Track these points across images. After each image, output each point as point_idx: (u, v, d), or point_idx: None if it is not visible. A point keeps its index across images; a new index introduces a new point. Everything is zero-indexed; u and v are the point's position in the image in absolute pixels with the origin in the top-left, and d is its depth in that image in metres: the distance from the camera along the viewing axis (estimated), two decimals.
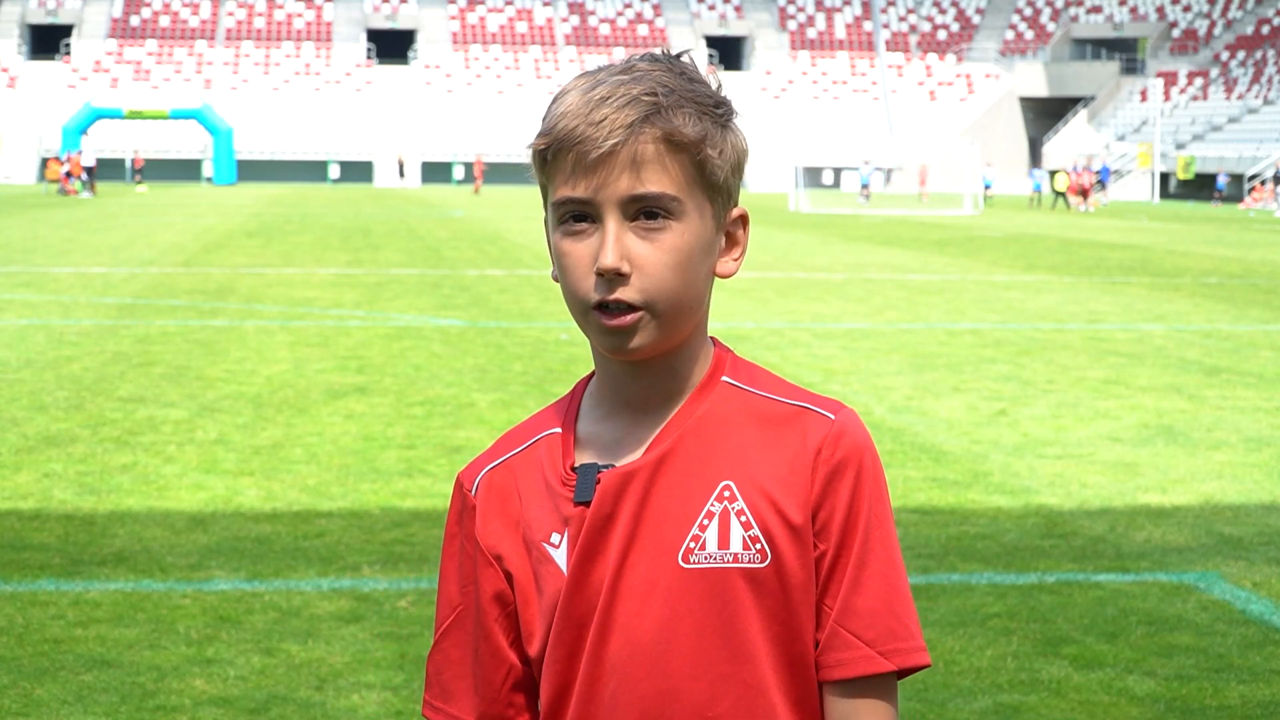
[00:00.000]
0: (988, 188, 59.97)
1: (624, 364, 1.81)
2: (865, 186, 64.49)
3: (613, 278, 1.73)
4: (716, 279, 1.84)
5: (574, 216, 1.76)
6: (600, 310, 1.75)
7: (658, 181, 1.73)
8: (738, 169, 1.81)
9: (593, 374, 1.90)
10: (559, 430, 1.87)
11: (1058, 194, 60.71)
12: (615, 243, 1.73)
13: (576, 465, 1.83)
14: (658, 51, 1.80)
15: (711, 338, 1.87)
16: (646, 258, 1.74)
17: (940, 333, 16.63)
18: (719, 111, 1.78)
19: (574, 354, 14.30)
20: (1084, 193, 59.36)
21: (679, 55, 1.80)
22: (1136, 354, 14.93)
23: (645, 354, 1.77)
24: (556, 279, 1.83)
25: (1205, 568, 7.29)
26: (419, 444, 10.00)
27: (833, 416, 1.81)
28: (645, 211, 1.74)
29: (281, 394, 11.94)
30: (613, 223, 1.73)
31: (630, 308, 1.74)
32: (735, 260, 1.84)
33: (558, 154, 1.75)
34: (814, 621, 1.81)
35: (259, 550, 7.39)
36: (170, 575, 6.96)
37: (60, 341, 14.89)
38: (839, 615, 1.80)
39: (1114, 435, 10.62)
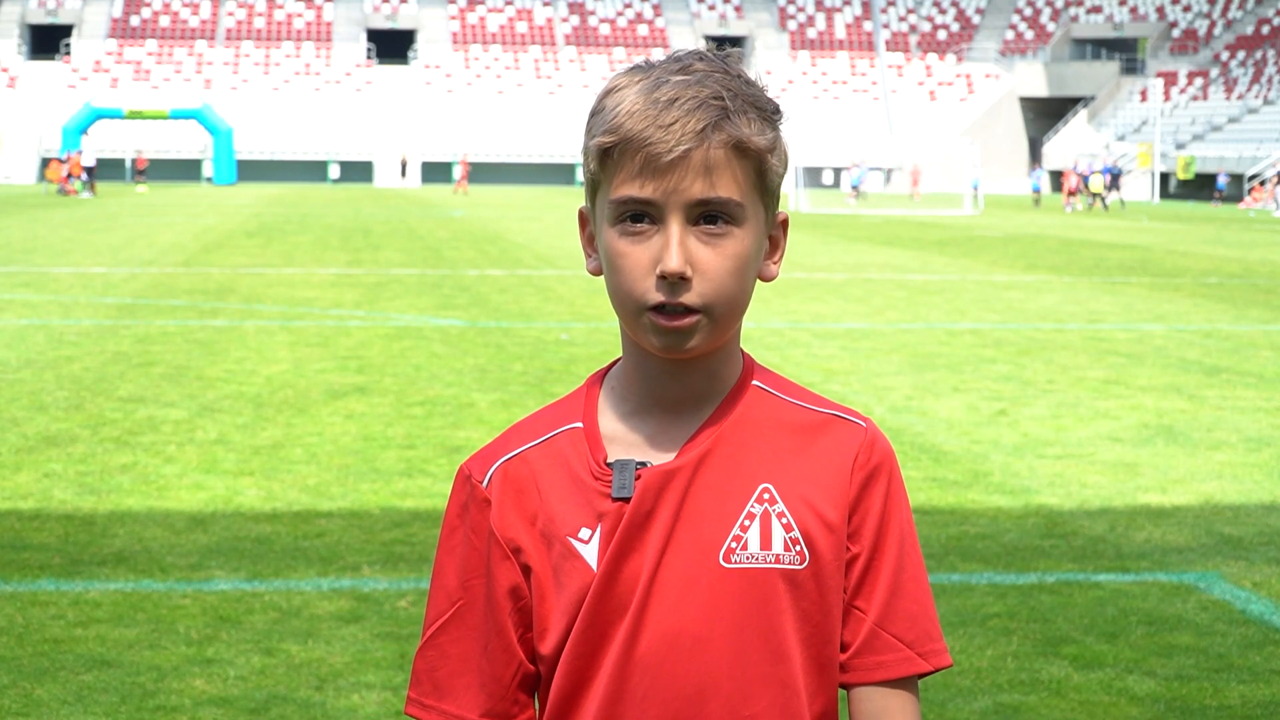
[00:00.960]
0: (975, 188, 59.80)
1: (664, 363, 1.81)
2: (856, 187, 64.63)
3: (676, 281, 1.73)
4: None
5: (633, 217, 1.76)
6: (657, 311, 1.75)
7: (727, 187, 1.74)
8: (785, 174, 1.84)
9: (608, 370, 1.89)
10: (580, 425, 1.86)
11: (1094, 195, 59.94)
12: (680, 246, 1.73)
13: (610, 460, 1.82)
14: (704, 50, 1.81)
15: None
16: (709, 262, 1.75)
17: (940, 333, 16.63)
18: (777, 117, 1.80)
19: (574, 354, 14.30)
20: (1074, 194, 59.30)
21: (726, 55, 1.81)
22: (1136, 354, 14.93)
23: (697, 353, 1.78)
24: (594, 273, 1.84)
25: (1205, 568, 7.29)
26: (419, 444, 10.00)
27: (864, 425, 1.86)
28: (707, 216, 1.75)
29: (281, 394, 11.94)
30: (676, 226, 1.74)
31: (689, 310, 1.74)
32: (776, 264, 1.86)
33: (624, 153, 1.75)
34: (840, 624, 1.83)
35: (259, 550, 7.39)
36: (170, 575, 6.96)
37: (60, 341, 14.89)
38: (879, 618, 1.82)
39: (1114, 435, 10.62)
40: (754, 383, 1.86)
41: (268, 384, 12.42)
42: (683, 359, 1.79)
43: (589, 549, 1.81)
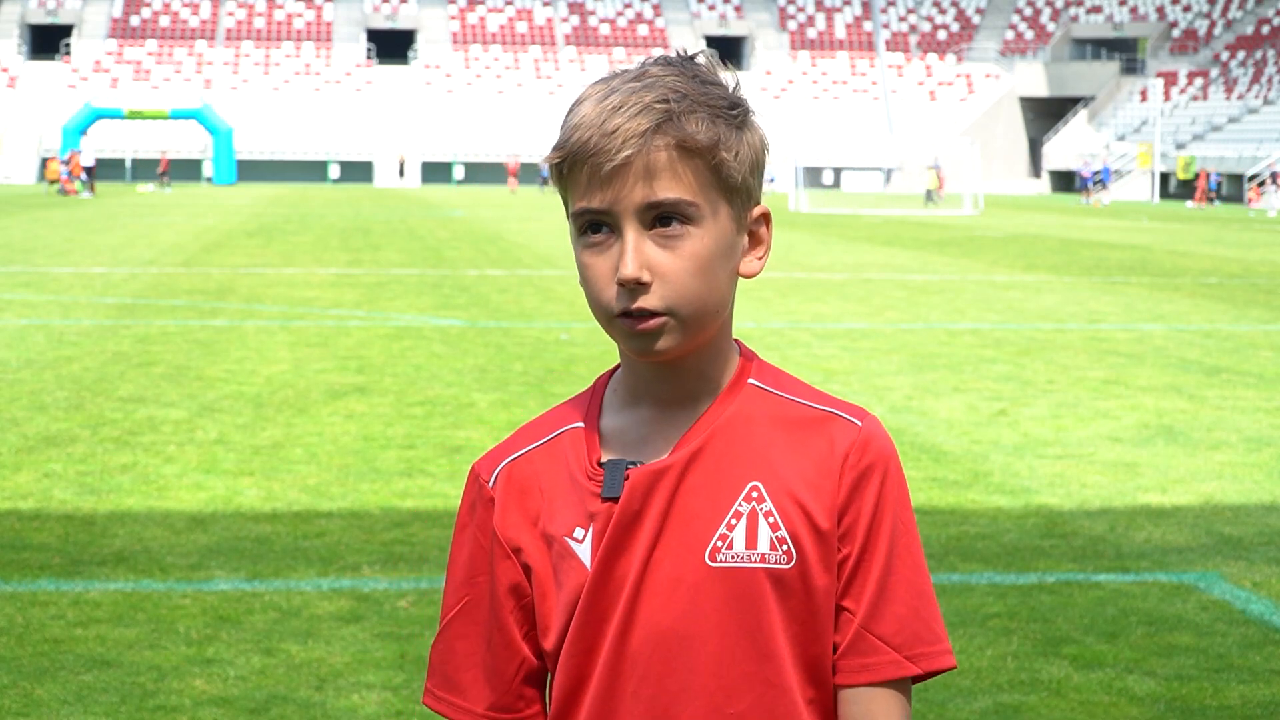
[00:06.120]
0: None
1: (651, 364, 1.82)
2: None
3: (634, 287, 1.74)
4: (741, 279, 1.85)
5: (592, 228, 1.77)
6: (624, 316, 1.76)
7: (671, 188, 1.74)
8: (756, 168, 1.82)
9: (615, 370, 1.91)
10: (582, 425, 1.88)
11: (928, 190, 61.94)
12: (634, 253, 1.74)
13: (603, 460, 1.84)
14: (673, 54, 1.81)
15: (736, 340, 1.88)
16: (667, 266, 1.75)
17: (940, 333, 16.63)
18: (733, 113, 1.78)
19: (574, 354, 14.30)
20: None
21: (694, 56, 1.80)
22: (1136, 354, 14.93)
23: (672, 355, 1.79)
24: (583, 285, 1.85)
25: (1205, 568, 7.29)
26: (419, 444, 10.00)
27: (859, 423, 1.84)
28: (661, 219, 1.75)
29: (281, 394, 11.94)
30: (631, 232, 1.75)
31: (654, 313, 1.75)
32: (759, 259, 1.86)
33: (573, 166, 1.76)
34: (833, 624, 1.83)
35: (259, 550, 7.39)
36: (170, 575, 6.96)
37: (60, 341, 14.89)
38: (866, 620, 1.82)
39: (1114, 435, 10.62)
40: (750, 380, 1.86)
41: (268, 384, 12.41)
42: (663, 360, 1.80)
43: (583, 548, 1.83)
